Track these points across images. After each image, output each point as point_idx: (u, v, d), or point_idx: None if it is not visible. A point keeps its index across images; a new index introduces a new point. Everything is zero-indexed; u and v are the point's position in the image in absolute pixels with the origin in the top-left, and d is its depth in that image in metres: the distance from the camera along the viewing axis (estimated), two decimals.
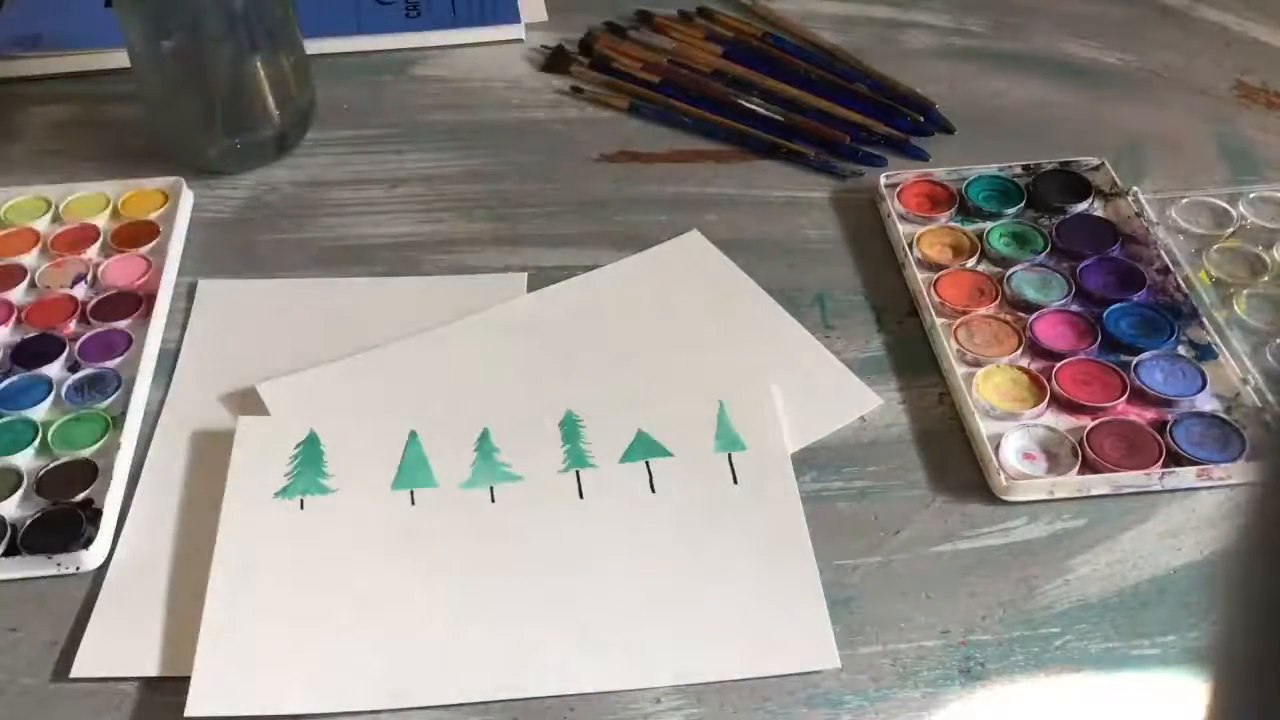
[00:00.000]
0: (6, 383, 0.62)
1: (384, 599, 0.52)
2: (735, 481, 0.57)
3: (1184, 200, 0.71)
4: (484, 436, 0.58)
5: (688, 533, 0.55)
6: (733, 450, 0.58)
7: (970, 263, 0.68)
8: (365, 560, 0.54)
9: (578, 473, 0.57)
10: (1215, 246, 0.68)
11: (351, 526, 0.55)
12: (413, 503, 0.56)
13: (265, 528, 0.55)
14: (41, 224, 0.71)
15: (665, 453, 0.58)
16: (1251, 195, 0.72)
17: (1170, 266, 0.67)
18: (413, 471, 0.57)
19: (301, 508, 0.56)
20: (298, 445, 0.58)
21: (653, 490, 0.57)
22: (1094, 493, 0.57)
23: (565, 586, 0.53)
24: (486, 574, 0.53)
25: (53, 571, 0.54)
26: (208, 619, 0.51)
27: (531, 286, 0.68)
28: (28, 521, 0.55)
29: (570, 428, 0.59)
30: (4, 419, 0.60)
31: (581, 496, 0.56)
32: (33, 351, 0.63)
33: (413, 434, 0.58)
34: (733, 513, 0.56)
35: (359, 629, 0.51)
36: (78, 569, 0.54)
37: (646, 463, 0.58)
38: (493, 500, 0.56)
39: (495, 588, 0.53)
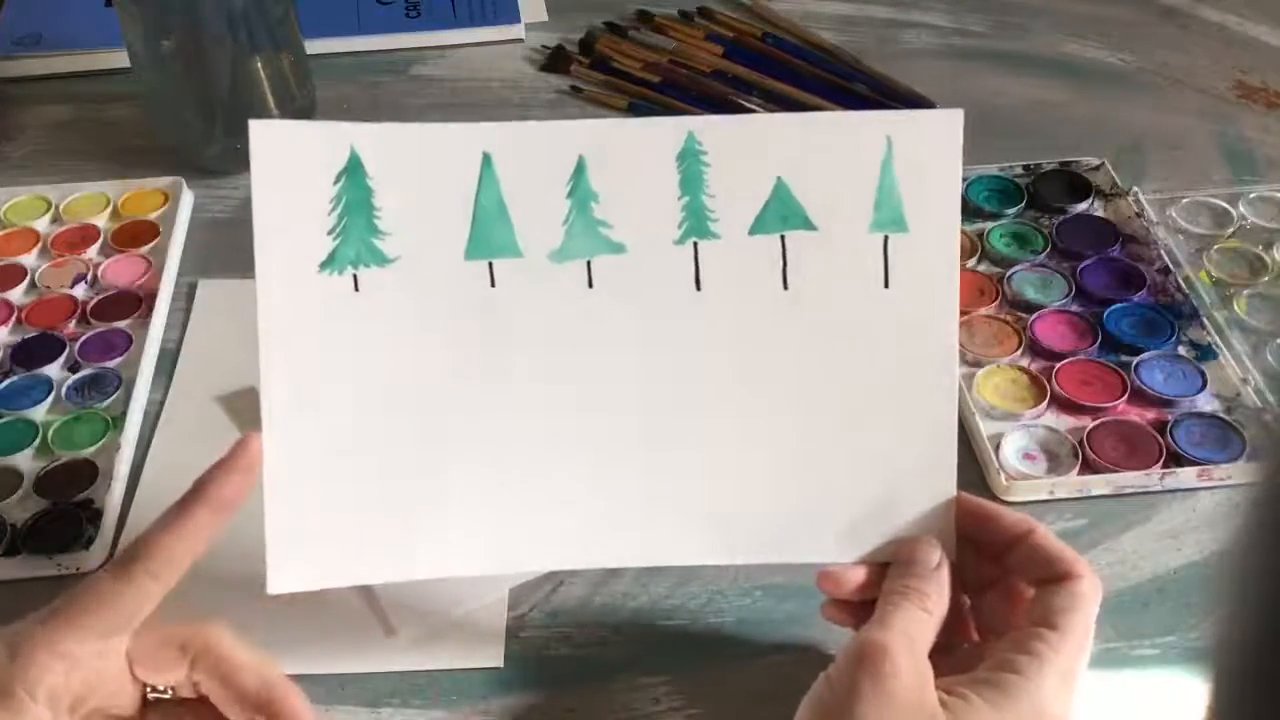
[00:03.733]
0: (6, 383, 0.62)
1: (467, 430, 0.46)
2: (886, 285, 0.47)
3: (1184, 200, 0.71)
4: (580, 170, 0.46)
5: (815, 362, 0.47)
6: (891, 231, 0.46)
7: (970, 263, 0.68)
8: (442, 375, 0.46)
9: (696, 245, 0.46)
10: (1215, 246, 0.68)
11: (422, 320, 0.46)
12: (493, 283, 0.46)
13: (316, 325, 0.45)
14: (41, 224, 0.71)
15: (808, 223, 0.46)
16: (1251, 195, 0.72)
17: (1170, 266, 0.67)
18: (489, 227, 0.46)
19: (356, 289, 0.45)
20: (338, 173, 0.45)
21: (785, 285, 0.47)
22: (1094, 493, 0.57)
23: (673, 427, 0.47)
24: (582, 394, 0.47)
25: (53, 572, 0.54)
26: (270, 459, 0.45)
27: None
28: (28, 521, 0.55)
29: (691, 164, 0.46)
30: (4, 419, 0.60)
31: (699, 287, 0.47)
32: (33, 351, 0.63)
33: (487, 159, 0.46)
34: (872, 337, 0.47)
35: (444, 470, 0.46)
36: (78, 569, 0.54)
37: (782, 238, 0.46)
38: (590, 284, 0.46)
39: (594, 415, 0.47)
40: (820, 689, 0.43)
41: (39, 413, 0.60)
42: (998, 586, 0.47)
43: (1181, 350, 0.63)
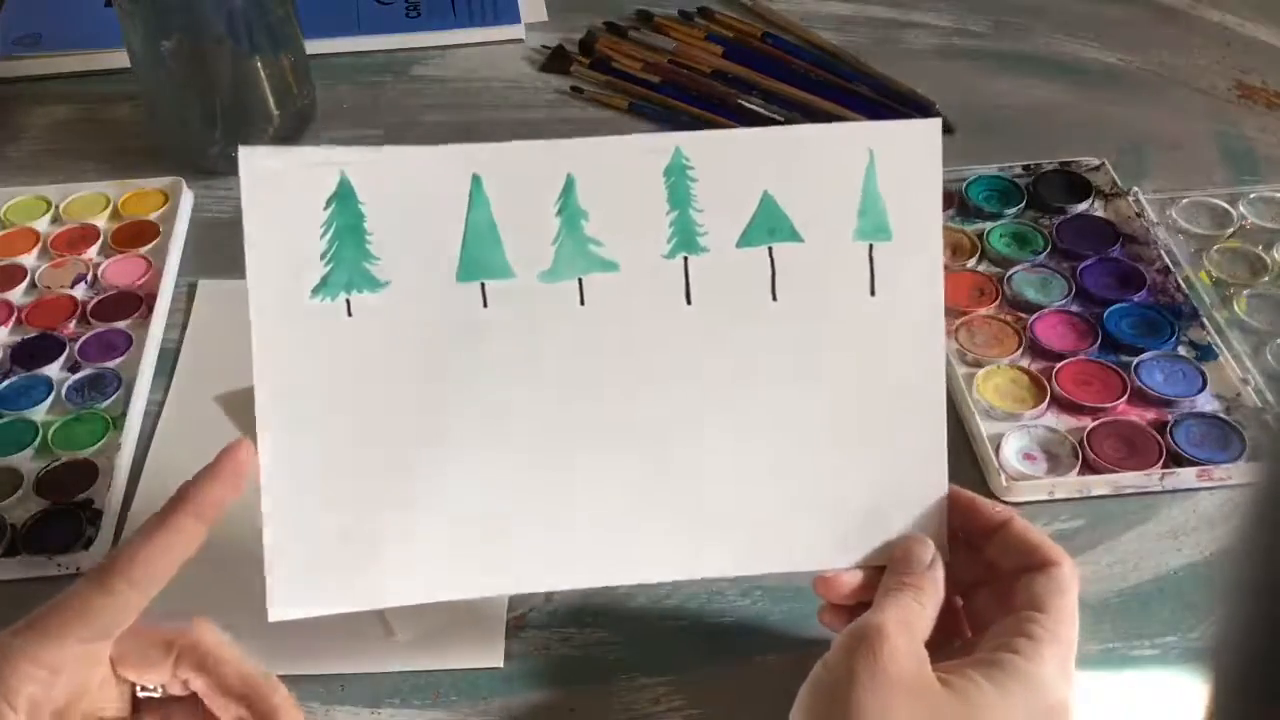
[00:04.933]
0: (6, 383, 0.62)
1: (462, 452, 0.46)
2: (873, 293, 0.47)
3: (1184, 200, 0.71)
4: (569, 188, 0.46)
5: (806, 371, 0.47)
6: (876, 239, 0.47)
7: (970, 263, 0.68)
8: (436, 398, 0.46)
9: (686, 260, 0.46)
10: (1215, 246, 0.68)
11: (415, 343, 0.46)
12: (485, 304, 0.46)
13: (310, 351, 0.45)
14: (41, 224, 0.72)
15: (794, 235, 0.47)
16: (1251, 195, 0.72)
17: (1170, 267, 0.67)
18: (480, 249, 0.46)
19: (349, 314, 0.45)
20: (329, 199, 0.45)
21: (774, 297, 0.47)
22: (1094, 493, 0.57)
23: (667, 441, 0.47)
24: (576, 412, 0.47)
25: (53, 572, 0.54)
26: (267, 486, 0.45)
27: None
28: (28, 521, 0.55)
29: (679, 179, 0.46)
30: (4, 419, 0.60)
31: (689, 302, 0.47)
32: (33, 351, 0.63)
33: (476, 181, 0.46)
34: (861, 344, 0.47)
35: (440, 492, 0.46)
36: (78, 569, 0.54)
37: (770, 250, 0.47)
38: (582, 302, 0.47)
39: (588, 433, 0.47)
40: (818, 674, 0.43)
41: (39, 413, 0.60)
42: (989, 586, 0.47)
43: (1181, 350, 0.63)
